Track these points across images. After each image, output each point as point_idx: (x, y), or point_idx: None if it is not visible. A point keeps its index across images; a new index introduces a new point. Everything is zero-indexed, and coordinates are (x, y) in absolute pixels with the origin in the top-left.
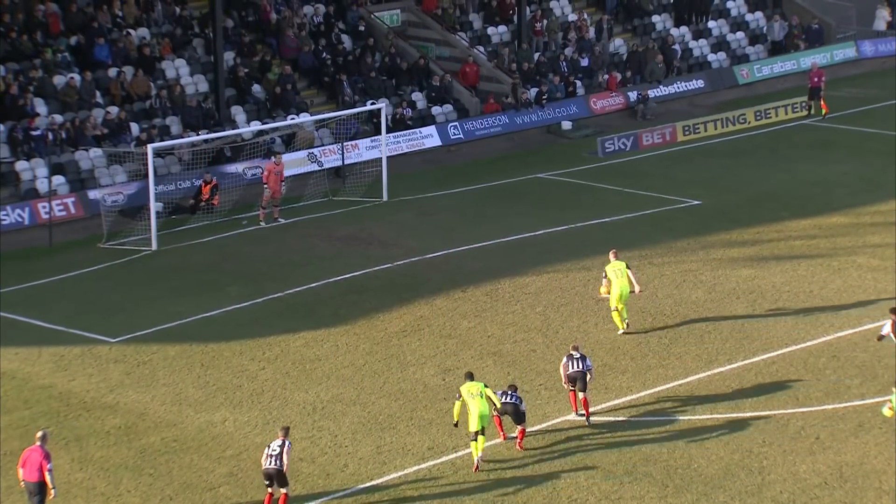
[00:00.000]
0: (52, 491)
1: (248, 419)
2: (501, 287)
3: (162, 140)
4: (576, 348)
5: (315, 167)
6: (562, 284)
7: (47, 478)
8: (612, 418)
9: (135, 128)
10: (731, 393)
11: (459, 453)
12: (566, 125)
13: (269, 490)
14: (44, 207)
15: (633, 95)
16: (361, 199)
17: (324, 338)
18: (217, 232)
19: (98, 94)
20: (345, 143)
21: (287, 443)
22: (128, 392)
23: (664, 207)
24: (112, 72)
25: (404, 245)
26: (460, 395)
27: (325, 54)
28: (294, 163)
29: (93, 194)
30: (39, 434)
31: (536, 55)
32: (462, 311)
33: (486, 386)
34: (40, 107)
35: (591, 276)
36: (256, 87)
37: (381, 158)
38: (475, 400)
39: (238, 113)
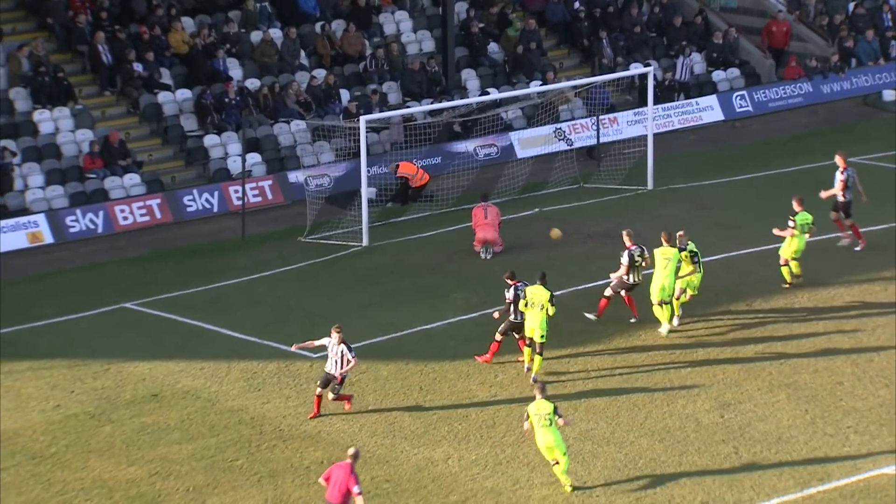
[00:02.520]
0: None
1: (477, 457)
2: (798, 301)
3: (379, 111)
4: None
5: (563, 146)
6: (880, 298)
7: (356, 502)
8: None
9: (345, 95)
10: None
11: None
12: (889, 95)
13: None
14: (236, 192)
15: None
16: (620, 186)
17: (567, 358)
18: (442, 225)
19: (302, 53)
20: (601, 117)
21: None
22: (331, 419)
23: None
24: (319, 26)
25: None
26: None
27: (578, 5)
28: (537, 140)
29: (293, 177)
30: (351, 451)
31: (851, 5)
32: (747, 330)
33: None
34: (233, 69)
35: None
36: (493, 47)
37: (645, 136)
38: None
39: (470, 78)
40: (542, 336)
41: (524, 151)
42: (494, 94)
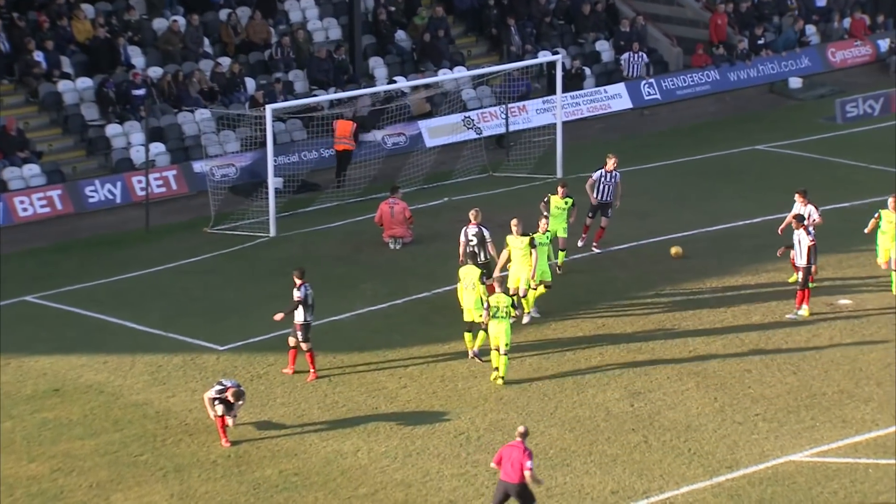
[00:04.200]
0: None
1: (386, 450)
2: (707, 289)
3: (284, 99)
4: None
5: (472, 135)
6: (789, 286)
7: (525, 476)
8: (849, 459)
9: (250, 84)
10: None
11: (651, 499)
12: (795, 83)
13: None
14: (139, 182)
15: (882, 44)
16: (529, 175)
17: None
18: (350, 215)
19: (206, 41)
20: (509, 106)
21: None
22: (239, 413)
23: None
24: (223, 14)
25: (581, 233)
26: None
27: None
28: (446, 129)
29: (198, 166)
30: (521, 429)
31: None
32: (656, 319)
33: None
34: (136, 57)
35: (825, 276)
36: (401, 34)
37: (555, 125)
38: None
39: (377, 66)
40: (481, 315)
41: (433, 140)
42: (402, 83)
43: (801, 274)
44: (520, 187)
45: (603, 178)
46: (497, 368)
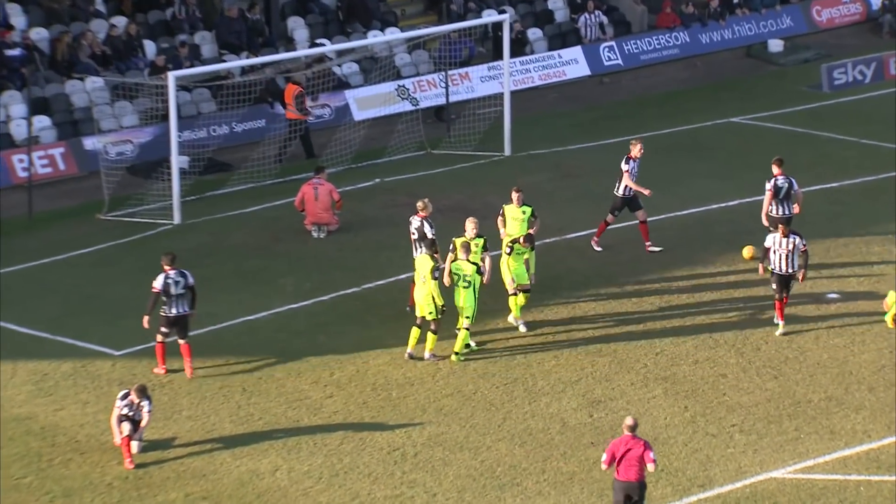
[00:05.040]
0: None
1: (309, 469)
2: (676, 282)
3: (190, 65)
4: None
5: (407, 106)
6: (765, 280)
7: (648, 469)
8: (838, 476)
9: (150, 48)
10: None
11: None
12: (775, 46)
13: None
14: (21, 162)
15: (874, 1)
16: (473, 152)
17: (418, 352)
18: (266, 199)
19: None
20: (450, 73)
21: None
22: (144, 433)
23: None
24: None
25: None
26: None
27: None
28: (376, 100)
29: (90, 143)
30: (630, 421)
31: None
32: (618, 317)
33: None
34: (16, 17)
35: (812, 267)
36: None
37: (502, 94)
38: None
39: (298, 27)
40: (431, 312)
41: (362, 112)
42: (327, 46)
43: (778, 282)
44: (462, 166)
45: (633, 169)
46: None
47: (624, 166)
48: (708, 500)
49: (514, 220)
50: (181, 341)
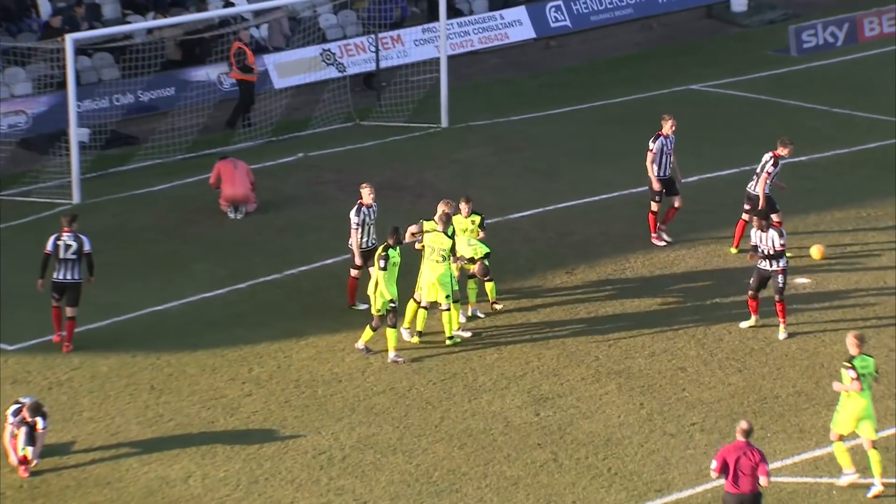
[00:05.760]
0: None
1: (226, 475)
2: (630, 266)
3: (89, 27)
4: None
5: (333, 72)
6: (730, 262)
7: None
8: (808, 479)
9: (45, 8)
10: None
11: None
12: (738, 5)
13: None
14: None
15: None
16: (407, 124)
17: (346, 345)
18: (177, 176)
19: None
20: (380, 35)
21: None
22: (41, 445)
23: None
24: None
25: (473, 198)
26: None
27: None
28: (298, 65)
29: None
30: (745, 425)
31: None
32: (567, 306)
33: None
34: None
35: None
36: None
37: (438, 60)
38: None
39: None
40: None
41: (283, 80)
42: (241, 6)
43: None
44: (394, 139)
45: (665, 147)
46: (448, 333)
47: (651, 145)
48: None
49: (463, 231)
50: (68, 312)
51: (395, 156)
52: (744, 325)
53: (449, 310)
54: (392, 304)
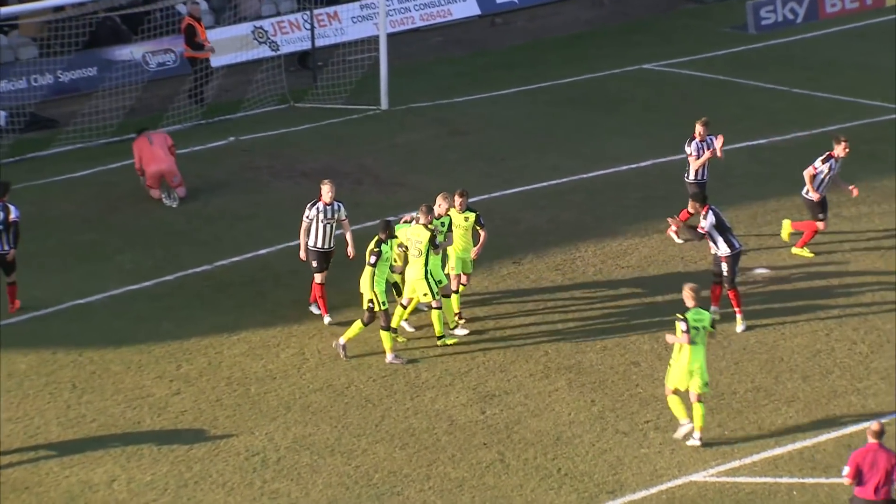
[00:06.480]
0: None
1: (153, 479)
2: (581, 256)
3: (3, 3)
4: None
5: (266, 51)
6: (685, 252)
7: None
8: (767, 479)
9: None
10: None
11: None
12: None
13: None
14: None
15: None
16: (345, 105)
17: (280, 340)
18: (100, 162)
19: None
20: (315, 13)
21: None
22: None
23: (863, 120)
24: None
25: (415, 185)
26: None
27: None
28: (229, 44)
29: None
30: (875, 426)
31: None
32: (514, 297)
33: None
34: None
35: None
36: None
37: (377, 38)
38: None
39: None
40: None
41: (213, 60)
42: None
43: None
44: (331, 122)
45: (700, 151)
46: (437, 332)
47: (687, 149)
48: None
49: (457, 226)
50: (7, 279)
51: (332, 140)
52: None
53: (439, 308)
54: (383, 305)
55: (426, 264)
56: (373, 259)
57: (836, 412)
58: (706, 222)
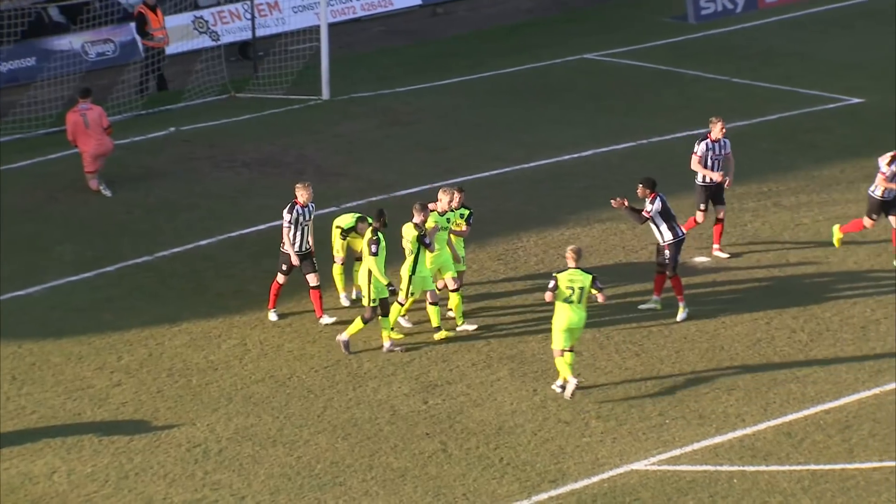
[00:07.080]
0: None
1: (93, 470)
2: (523, 245)
3: None
4: None
5: (206, 41)
6: (626, 242)
7: None
8: (708, 467)
9: None
10: None
11: None
12: None
13: None
14: None
15: None
16: (286, 96)
17: (222, 331)
18: (39, 152)
19: None
20: (256, 2)
21: None
22: None
23: (802, 110)
24: None
25: (357, 175)
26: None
27: None
28: (170, 35)
29: None
30: None
31: None
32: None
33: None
34: None
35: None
36: None
37: (318, 28)
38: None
39: None
40: (381, 290)
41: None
42: None
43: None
44: (273, 112)
45: (711, 152)
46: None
47: (696, 148)
48: (561, 496)
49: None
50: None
51: (273, 130)
52: (643, 307)
53: (435, 304)
54: (390, 288)
55: (416, 262)
56: (373, 248)
57: (776, 400)
58: (652, 207)
